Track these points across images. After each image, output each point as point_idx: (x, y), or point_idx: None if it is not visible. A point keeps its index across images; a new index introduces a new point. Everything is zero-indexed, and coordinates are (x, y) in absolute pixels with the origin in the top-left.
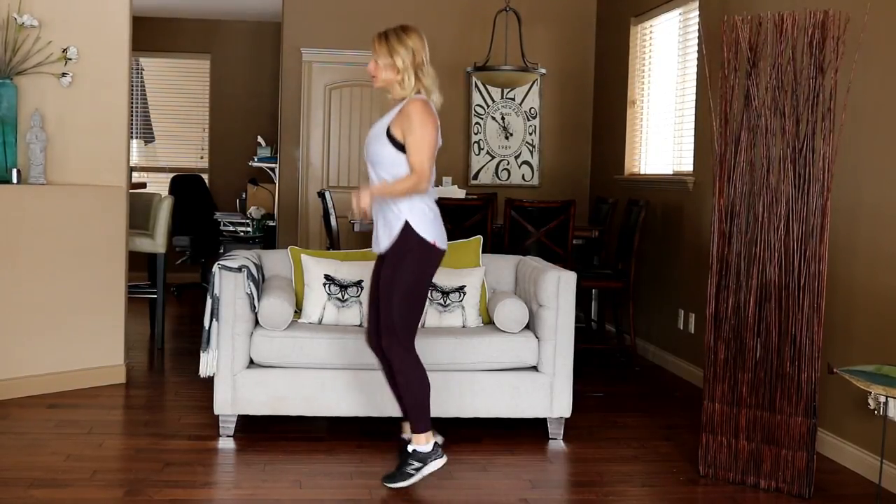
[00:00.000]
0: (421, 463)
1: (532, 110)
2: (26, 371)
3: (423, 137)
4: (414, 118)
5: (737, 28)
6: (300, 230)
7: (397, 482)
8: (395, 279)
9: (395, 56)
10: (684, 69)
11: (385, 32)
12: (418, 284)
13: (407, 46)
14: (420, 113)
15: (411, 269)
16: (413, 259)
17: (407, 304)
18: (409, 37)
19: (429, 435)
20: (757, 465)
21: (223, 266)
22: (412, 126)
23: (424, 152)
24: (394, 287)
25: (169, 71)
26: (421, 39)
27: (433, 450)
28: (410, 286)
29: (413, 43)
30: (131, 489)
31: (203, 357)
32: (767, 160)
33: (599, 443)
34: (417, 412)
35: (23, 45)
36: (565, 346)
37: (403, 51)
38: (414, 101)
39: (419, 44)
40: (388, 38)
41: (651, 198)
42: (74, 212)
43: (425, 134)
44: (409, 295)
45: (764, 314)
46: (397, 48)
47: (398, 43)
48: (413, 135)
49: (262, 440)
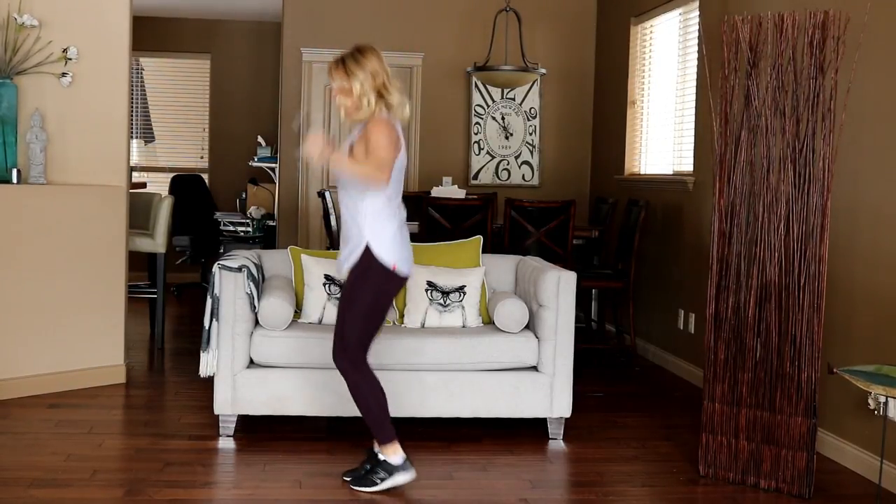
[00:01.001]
0: (388, 474)
1: (532, 110)
2: (26, 371)
3: (380, 144)
4: (373, 134)
5: (737, 28)
6: (300, 230)
7: (361, 486)
8: (352, 298)
9: (353, 79)
10: (684, 69)
11: (342, 57)
12: (374, 306)
13: (365, 69)
14: (379, 130)
15: (368, 291)
16: (371, 281)
17: (361, 325)
18: (367, 58)
19: (395, 446)
20: (757, 465)
21: (223, 266)
22: (371, 140)
23: (386, 155)
24: (350, 306)
25: (169, 71)
26: (379, 59)
27: (403, 464)
28: (367, 307)
29: (371, 65)
30: (131, 489)
31: (203, 357)
32: (767, 160)
33: (599, 443)
34: (376, 425)
35: (23, 45)
36: (565, 346)
37: (361, 74)
38: (375, 121)
39: (378, 64)
40: (345, 63)
41: (651, 198)
42: (74, 212)
43: (386, 142)
44: (363, 316)
45: (764, 314)
46: (355, 72)
47: (355, 66)
48: (372, 143)
49: (262, 440)
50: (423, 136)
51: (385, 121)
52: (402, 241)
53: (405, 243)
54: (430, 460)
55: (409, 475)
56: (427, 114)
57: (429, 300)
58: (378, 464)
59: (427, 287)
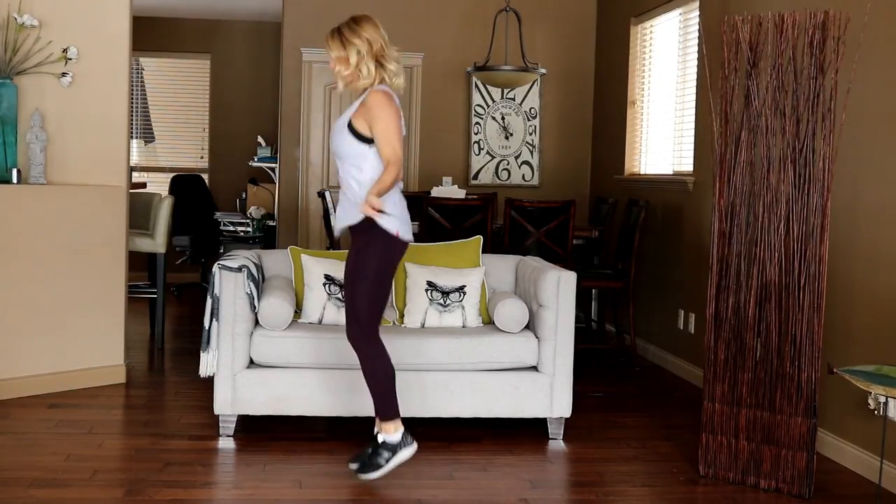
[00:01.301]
0: (391, 453)
1: (532, 110)
2: (26, 371)
3: (388, 126)
4: (374, 110)
5: (737, 28)
6: (300, 230)
7: (368, 473)
8: (358, 269)
9: (349, 48)
10: (684, 69)
11: (336, 28)
12: (381, 274)
13: (362, 37)
14: (380, 103)
15: (373, 259)
16: (376, 248)
17: (370, 294)
18: (363, 27)
19: (397, 423)
20: (757, 465)
21: (223, 266)
22: (375, 118)
23: (394, 141)
24: (357, 276)
25: (169, 71)
26: (376, 27)
27: (402, 439)
28: (374, 275)
29: (368, 33)
30: (131, 489)
31: (203, 357)
32: (767, 160)
33: (599, 443)
34: (383, 399)
35: (23, 45)
36: (565, 346)
37: (358, 41)
38: (374, 93)
39: (374, 32)
40: (341, 32)
41: (651, 198)
42: (74, 212)
43: (389, 123)
44: (372, 284)
45: (764, 314)
46: (351, 40)
47: (352, 34)
48: (378, 125)
49: (262, 440)
50: (423, 136)
51: (384, 92)
52: (402, 209)
53: (405, 210)
54: (430, 460)
55: (411, 449)
56: (427, 114)
57: (429, 300)
58: (379, 446)
59: (427, 287)
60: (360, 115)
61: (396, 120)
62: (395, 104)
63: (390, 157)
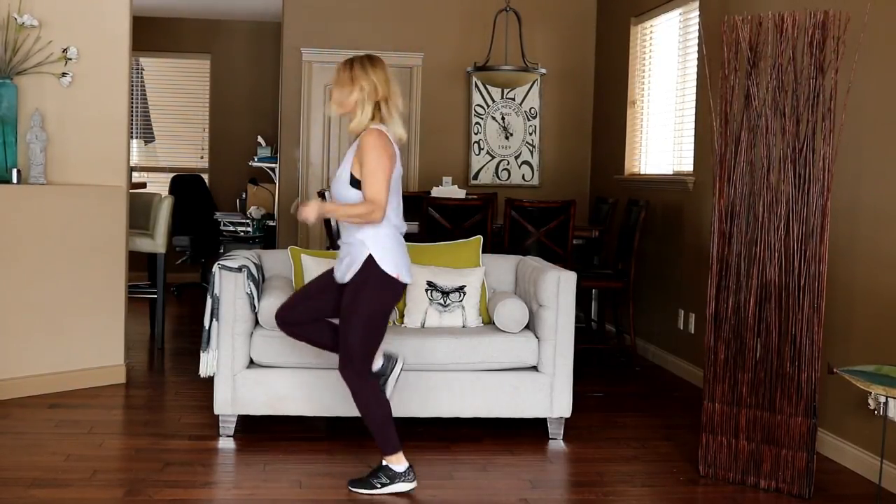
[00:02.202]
0: (389, 480)
1: (532, 110)
2: (26, 371)
3: (376, 167)
4: (367, 150)
5: (737, 28)
6: (300, 230)
7: (359, 487)
8: (355, 308)
9: (355, 83)
10: (684, 69)
11: (351, 60)
12: (377, 315)
13: (369, 78)
14: (373, 144)
15: (371, 300)
16: (374, 291)
17: (364, 334)
18: (375, 69)
19: (400, 457)
20: (757, 465)
21: (223, 266)
22: (366, 157)
23: (379, 182)
24: (353, 316)
25: (169, 71)
26: (385, 73)
27: (406, 472)
28: (369, 316)
29: (376, 76)
30: (131, 489)
31: (203, 357)
32: (767, 160)
33: (599, 443)
34: (381, 434)
35: (23, 45)
36: (565, 346)
37: (365, 82)
38: (368, 133)
39: (382, 77)
40: (353, 67)
41: (651, 198)
42: (74, 212)
43: (379, 164)
44: (367, 325)
45: (764, 314)
46: (359, 77)
47: (361, 72)
48: (367, 166)
49: (262, 440)
50: (423, 136)
51: (377, 132)
52: (402, 250)
53: (404, 251)
54: (430, 460)
55: (411, 485)
56: (427, 114)
57: (429, 300)
58: (380, 468)
59: (427, 287)
60: (357, 160)
61: (387, 161)
62: (388, 144)
63: (372, 196)
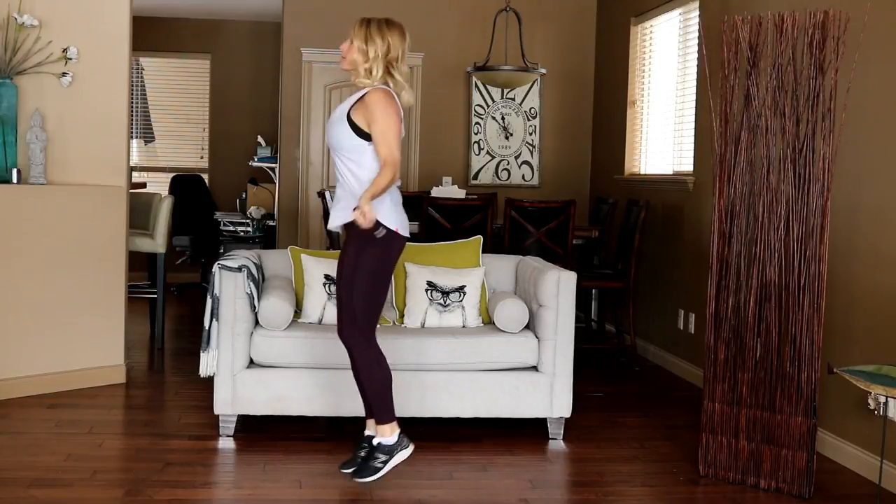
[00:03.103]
0: (387, 455)
1: (532, 110)
2: (26, 371)
3: (388, 127)
4: (376, 108)
5: (737, 28)
6: (300, 230)
7: (365, 476)
8: (357, 268)
9: (370, 43)
10: (684, 69)
11: (368, 19)
12: (380, 273)
13: (384, 38)
14: (382, 102)
15: (373, 257)
16: (376, 248)
17: (369, 294)
18: (391, 30)
19: (393, 426)
20: (757, 465)
21: (223, 266)
22: (375, 116)
23: (392, 141)
24: (355, 276)
25: (169, 71)
26: (402, 37)
27: (398, 440)
28: (372, 275)
29: (392, 38)
30: (131, 489)
31: (203, 357)
32: (767, 160)
33: (599, 443)
34: (380, 402)
35: (23, 45)
36: (565, 346)
37: (380, 41)
38: (375, 91)
39: (398, 40)
40: (370, 25)
41: (651, 198)
42: (74, 212)
43: (390, 123)
44: (370, 284)
45: (764, 314)
46: (374, 37)
47: (377, 32)
48: (377, 125)
49: (262, 440)
50: (423, 136)
51: (385, 91)
52: (398, 206)
53: (401, 208)
54: (430, 460)
55: (408, 450)
56: (427, 114)
57: (429, 300)
58: (374, 448)
59: (427, 287)
60: (360, 111)
61: (396, 121)
62: (395, 104)
63: (387, 158)
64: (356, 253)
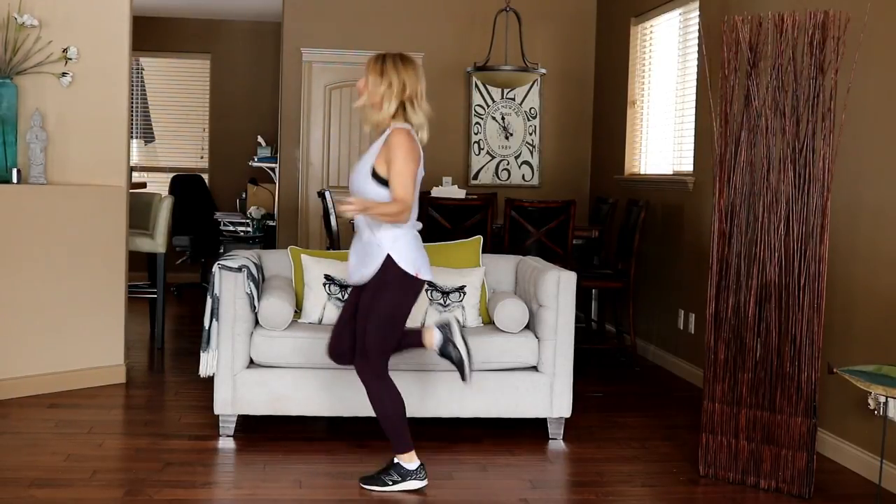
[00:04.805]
0: (401, 478)
1: (532, 110)
2: (26, 371)
3: (405, 168)
4: (398, 150)
5: (737, 28)
6: (300, 230)
7: (371, 485)
8: (373, 307)
9: (384, 79)
10: (684, 69)
11: (383, 55)
12: (396, 315)
13: (399, 75)
14: (404, 146)
15: (391, 300)
16: (394, 290)
17: (382, 333)
18: (405, 67)
19: (412, 455)
20: (757, 465)
21: (223, 266)
22: (394, 156)
23: (408, 184)
24: (371, 315)
25: (169, 71)
26: (416, 73)
27: (417, 469)
28: (388, 315)
29: (406, 75)
30: (131, 489)
31: (203, 357)
32: (767, 160)
33: (599, 443)
34: (393, 433)
35: (23, 45)
36: (565, 346)
37: (394, 78)
38: (397, 131)
39: (413, 77)
40: (384, 61)
41: (651, 198)
42: (74, 212)
43: (406, 165)
44: (385, 324)
45: (764, 314)
46: (389, 73)
47: (392, 68)
48: (395, 166)
49: (262, 440)
50: None
51: (407, 133)
52: (419, 247)
53: (422, 249)
54: (430, 460)
55: (422, 483)
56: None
57: (429, 300)
58: (392, 466)
59: (427, 287)
60: (382, 157)
61: (415, 163)
62: (417, 147)
63: (399, 195)
64: (373, 296)
